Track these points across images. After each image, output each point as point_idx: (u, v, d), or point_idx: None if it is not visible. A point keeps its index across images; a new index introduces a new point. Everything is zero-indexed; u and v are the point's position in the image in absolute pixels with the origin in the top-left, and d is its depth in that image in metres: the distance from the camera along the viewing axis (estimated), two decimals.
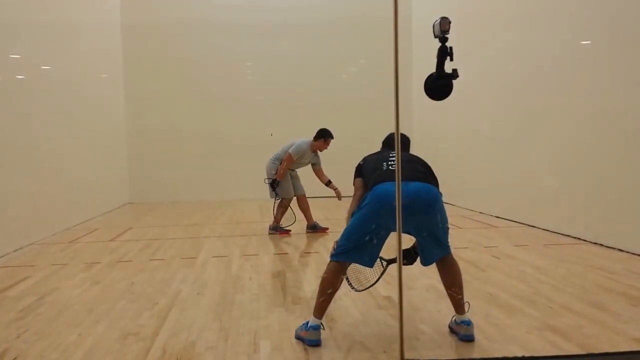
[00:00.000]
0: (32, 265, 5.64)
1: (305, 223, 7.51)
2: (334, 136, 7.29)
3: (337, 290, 3.33)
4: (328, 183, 7.36)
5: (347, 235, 3.31)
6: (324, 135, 7.24)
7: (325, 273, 3.34)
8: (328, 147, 7.30)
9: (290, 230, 7.38)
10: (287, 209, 7.40)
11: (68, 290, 4.65)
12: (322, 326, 3.29)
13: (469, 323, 3.30)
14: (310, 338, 3.26)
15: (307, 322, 3.32)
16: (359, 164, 3.63)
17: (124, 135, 11.61)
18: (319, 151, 7.38)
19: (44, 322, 3.81)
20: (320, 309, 3.30)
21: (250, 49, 12.00)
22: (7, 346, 3.35)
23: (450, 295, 3.40)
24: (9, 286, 4.82)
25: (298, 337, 3.36)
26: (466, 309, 3.36)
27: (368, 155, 3.70)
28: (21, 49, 6.93)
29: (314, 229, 7.42)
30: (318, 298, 3.32)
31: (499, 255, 5.64)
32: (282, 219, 7.41)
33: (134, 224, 8.58)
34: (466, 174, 9.38)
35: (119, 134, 11.36)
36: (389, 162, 3.43)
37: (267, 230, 7.42)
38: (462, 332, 3.29)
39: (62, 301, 4.33)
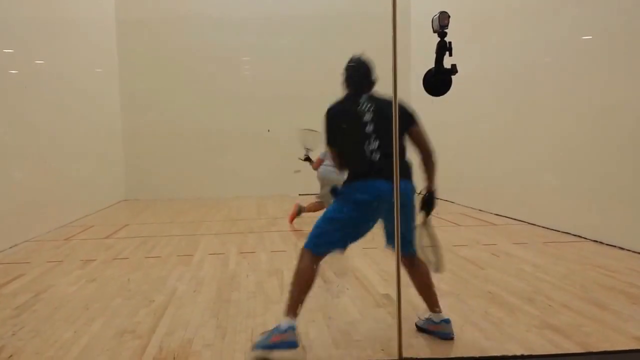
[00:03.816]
0: (28, 263, 5.60)
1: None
2: None
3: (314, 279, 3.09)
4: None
5: (333, 229, 3.13)
6: None
7: (302, 264, 3.08)
8: None
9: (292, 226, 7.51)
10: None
11: (63, 288, 4.61)
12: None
13: (448, 321, 3.26)
14: (289, 340, 2.85)
15: (279, 326, 2.92)
16: (327, 124, 3.30)
17: (119, 131, 11.56)
18: None
19: (40, 320, 3.78)
20: (295, 307, 2.98)
21: (247, 44, 11.95)
22: (3, 343, 3.33)
23: (424, 295, 3.35)
24: (4, 283, 4.79)
25: (266, 347, 2.85)
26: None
27: (332, 111, 3.32)
28: (14, 44, 6.87)
29: None
30: (296, 295, 3.01)
31: (498, 253, 5.61)
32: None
33: (130, 221, 8.54)
34: (465, 171, 9.35)
35: (114, 130, 11.31)
36: (371, 145, 3.11)
37: (264, 228, 7.39)
38: (443, 331, 3.25)
39: (57, 298, 4.29)
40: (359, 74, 3.43)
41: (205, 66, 11.88)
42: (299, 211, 7.64)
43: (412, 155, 3.27)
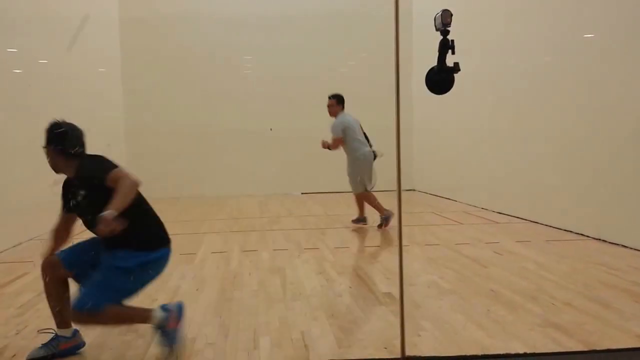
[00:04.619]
0: (32, 261, 5.59)
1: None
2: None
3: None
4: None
5: (121, 292, 3.03)
6: None
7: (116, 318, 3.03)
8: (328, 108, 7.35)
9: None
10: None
11: None
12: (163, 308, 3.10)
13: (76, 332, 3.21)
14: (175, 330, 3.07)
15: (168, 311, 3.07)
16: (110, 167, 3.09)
17: (122, 130, 11.56)
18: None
19: (44, 319, 3.77)
20: (141, 313, 3.08)
21: (250, 42, 11.94)
22: (6, 343, 3.33)
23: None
24: (8, 282, 4.80)
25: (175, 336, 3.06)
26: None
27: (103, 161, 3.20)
28: (18, 43, 6.87)
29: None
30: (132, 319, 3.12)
31: (500, 252, 5.61)
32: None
33: None
34: (468, 169, 9.35)
35: (117, 129, 11.31)
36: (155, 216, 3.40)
37: (266, 226, 7.38)
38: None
39: None
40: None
41: (207, 65, 11.88)
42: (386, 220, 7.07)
43: None
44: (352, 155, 7.08)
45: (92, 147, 3.19)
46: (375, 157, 7.08)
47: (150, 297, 4.23)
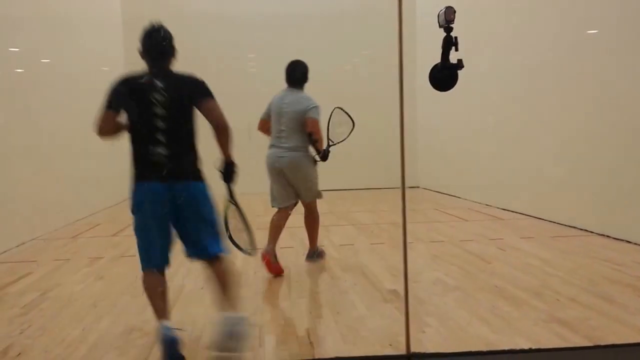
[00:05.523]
0: (35, 261, 5.62)
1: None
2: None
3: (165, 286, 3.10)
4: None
5: (146, 239, 3.09)
6: None
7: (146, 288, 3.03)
8: None
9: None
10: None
11: (71, 286, 4.63)
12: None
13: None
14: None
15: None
16: (115, 95, 3.15)
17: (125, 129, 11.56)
18: None
19: (48, 318, 3.79)
20: (160, 310, 2.99)
21: (253, 41, 11.91)
22: (11, 342, 3.34)
23: (225, 297, 3.11)
24: (12, 282, 4.81)
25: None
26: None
27: (124, 84, 3.19)
28: (21, 42, 6.88)
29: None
30: (154, 304, 3.01)
31: (504, 248, 5.60)
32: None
33: None
34: (472, 166, 9.33)
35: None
36: (157, 142, 3.06)
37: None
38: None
39: (65, 296, 4.30)
40: (160, 43, 3.21)
41: (210, 64, 11.83)
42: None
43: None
44: None
45: (93, 146, 3.18)
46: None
47: None
